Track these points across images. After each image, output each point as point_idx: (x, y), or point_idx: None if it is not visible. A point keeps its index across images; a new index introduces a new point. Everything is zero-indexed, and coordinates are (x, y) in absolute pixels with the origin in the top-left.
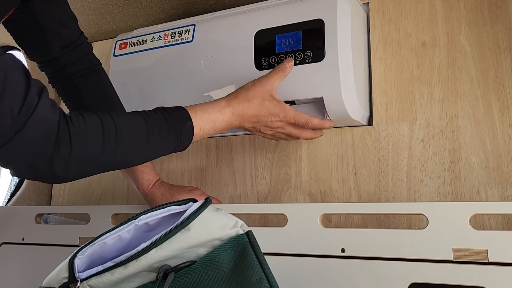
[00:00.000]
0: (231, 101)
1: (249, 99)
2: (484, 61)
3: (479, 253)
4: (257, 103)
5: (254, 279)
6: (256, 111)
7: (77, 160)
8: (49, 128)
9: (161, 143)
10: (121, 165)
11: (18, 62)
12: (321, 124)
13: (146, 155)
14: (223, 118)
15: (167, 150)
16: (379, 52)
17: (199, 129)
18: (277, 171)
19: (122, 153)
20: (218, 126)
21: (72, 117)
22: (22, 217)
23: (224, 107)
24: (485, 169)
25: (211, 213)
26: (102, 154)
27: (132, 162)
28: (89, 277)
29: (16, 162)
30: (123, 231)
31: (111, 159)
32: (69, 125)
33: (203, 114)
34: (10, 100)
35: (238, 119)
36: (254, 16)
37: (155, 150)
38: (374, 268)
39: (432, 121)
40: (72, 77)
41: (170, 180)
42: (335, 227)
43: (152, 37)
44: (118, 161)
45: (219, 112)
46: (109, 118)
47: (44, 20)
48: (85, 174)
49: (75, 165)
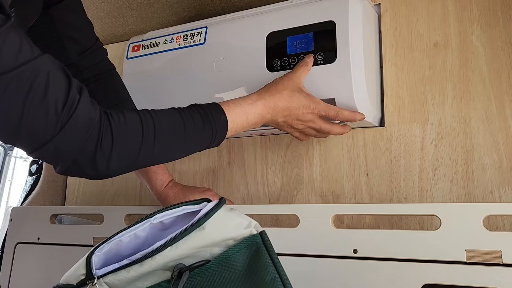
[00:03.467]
0: (262, 94)
1: (280, 91)
2: (497, 62)
3: (493, 254)
4: (288, 94)
5: (268, 279)
6: (288, 103)
7: (119, 156)
8: (92, 124)
9: (197, 138)
10: (160, 161)
11: (57, 62)
12: (352, 116)
13: (183, 150)
14: (255, 111)
15: (203, 144)
16: (390, 53)
17: (233, 122)
18: (289, 172)
19: (161, 148)
20: (251, 118)
21: (112, 114)
22: (37, 217)
23: (256, 99)
24: (498, 170)
25: (226, 213)
26: (141, 150)
27: (170, 158)
28: (106, 274)
29: (61, 157)
30: (138, 229)
31: (150, 155)
32: (111, 121)
33: (236, 107)
34: (55, 97)
35: (271, 112)
36: (265, 18)
37: (192, 145)
38: (386, 269)
39: (444, 122)
40: (88, 82)
41: (182, 181)
42: (347, 228)
43: (164, 39)
44: (157, 157)
45: (251, 105)
46: (148, 115)
47: (62, 26)
48: (126, 170)
49: (116, 161)
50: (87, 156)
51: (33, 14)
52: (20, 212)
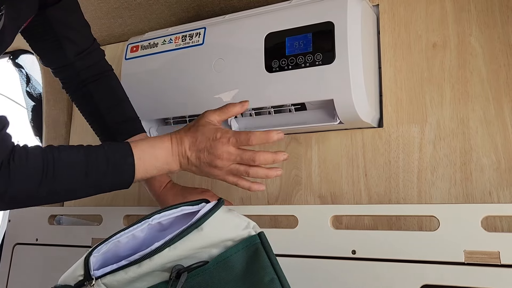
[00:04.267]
0: (172, 133)
1: (188, 127)
2: (495, 63)
3: (491, 255)
4: (194, 128)
5: (266, 280)
6: (193, 135)
7: (12, 195)
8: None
9: (100, 181)
10: (57, 201)
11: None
12: (265, 136)
13: (85, 192)
14: (162, 144)
15: (109, 187)
16: (389, 54)
17: (139, 158)
18: (287, 173)
19: (59, 190)
20: (158, 152)
21: (15, 152)
22: (35, 218)
23: (165, 135)
24: (497, 171)
25: (224, 214)
26: (37, 192)
27: (69, 198)
28: (104, 275)
29: None
30: (136, 230)
31: (46, 196)
32: (10, 162)
33: (143, 143)
34: None
35: (178, 145)
36: (264, 18)
37: (94, 187)
38: (385, 270)
39: (442, 122)
40: (85, 82)
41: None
42: (346, 229)
43: (163, 40)
44: (53, 198)
45: (159, 139)
46: (50, 156)
47: (59, 27)
48: (21, 206)
49: (10, 199)
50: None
51: (27, 13)
52: (18, 213)
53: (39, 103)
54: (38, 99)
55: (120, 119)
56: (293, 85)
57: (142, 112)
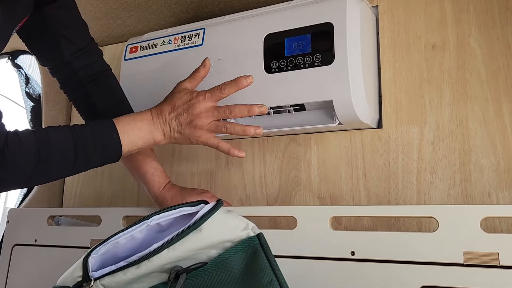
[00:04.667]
0: (152, 107)
1: (165, 98)
2: (495, 63)
3: (490, 256)
4: (169, 97)
5: (265, 281)
6: (170, 102)
7: (10, 180)
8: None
9: (90, 158)
10: (48, 181)
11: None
12: (236, 84)
13: (76, 171)
14: (142, 117)
15: (99, 164)
16: (388, 55)
17: (123, 132)
18: (287, 174)
19: (51, 172)
20: (140, 125)
21: (8, 138)
22: (34, 219)
23: (145, 110)
24: (496, 172)
25: (223, 215)
26: (33, 175)
27: (61, 177)
28: (102, 276)
29: None
30: (135, 231)
31: (41, 178)
32: (5, 149)
33: (125, 117)
34: None
35: (158, 114)
36: (263, 19)
37: (85, 165)
38: (384, 271)
39: (442, 123)
40: (83, 82)
41: (179, 182)
42: (345, 230)
43: (162, 41)
44: (46, 180)
45: (140, 113)
46: (41, 140)
47: (56, 26)
48: (18, 188)
49: (7, 183)
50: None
51: (22, 13)
52: (17, 213)
53: (38, 103)
54: (37, 99)
55: None
56: (292, 86)
57: None
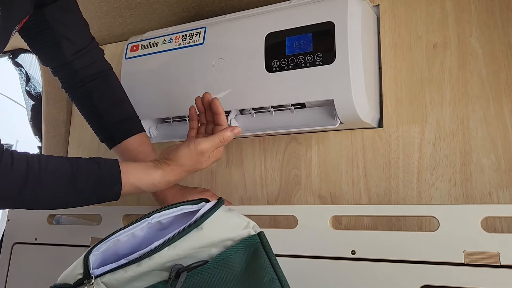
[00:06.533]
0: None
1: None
2: (496, 63)
3: (491, 256)
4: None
5: (266, 279)
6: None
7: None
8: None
9: (85, 194)
10: (45, 207)
11: None
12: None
13: (69, 203)
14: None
15: (94, 202)
16: (389, 54)
17: (125, 185)
18: (287, 173)
19: (44, 196)
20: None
21: (3, 154)
22: (34, 217)
23: (155, 165)
24: (497, 172)
25: (224, 213)
26: (20, 193)
27: (57, 206)
28: (103, 274)
29: None
30: (136, 229)
31: (30, 198)
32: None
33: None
34: None
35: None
36: (264, 18)
37: (79, 200)
38: (384, 270)
39: (442, 123)
40: (84, 82)
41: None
42: (345, 229)
43: (163, 39)
44: (39, 203)
45: (146, 163)
46: (36, 160)
47: (57, 26)
48: (5, 207)
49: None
50: None
51: (22, 13)
52: (17, 212)
53: (39, 102)
54: (37, 98)
55: (119, 118)
56: (293, 85)
57: (142, 112)
